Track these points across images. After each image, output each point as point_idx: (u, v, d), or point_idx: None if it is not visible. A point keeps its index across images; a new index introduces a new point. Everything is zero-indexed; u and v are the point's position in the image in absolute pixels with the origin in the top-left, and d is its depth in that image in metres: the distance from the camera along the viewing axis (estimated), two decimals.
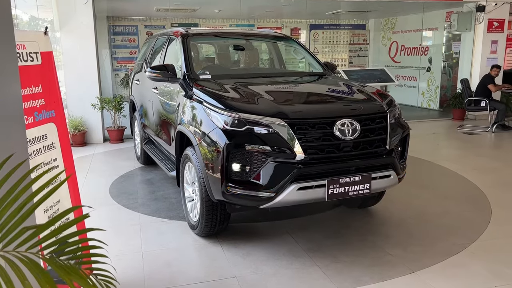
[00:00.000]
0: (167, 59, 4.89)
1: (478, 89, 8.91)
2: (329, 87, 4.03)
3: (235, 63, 5.04)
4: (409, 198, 4.67)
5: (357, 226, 4.00)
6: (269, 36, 5.13)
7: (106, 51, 11.74)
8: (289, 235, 3.80)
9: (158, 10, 10.29)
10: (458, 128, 8.85)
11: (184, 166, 3.92)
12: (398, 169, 3.48)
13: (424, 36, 12.09)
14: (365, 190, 3.27)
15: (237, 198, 3.22)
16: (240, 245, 3.61)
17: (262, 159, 3.11)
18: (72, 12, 7.37)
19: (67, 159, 2.86)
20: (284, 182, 3.08)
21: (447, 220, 4.10)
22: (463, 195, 4.85)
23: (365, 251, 3.51)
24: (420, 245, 3.59)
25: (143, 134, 5.87)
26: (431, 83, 11.93)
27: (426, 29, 11.89)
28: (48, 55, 2.72)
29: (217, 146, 3.21)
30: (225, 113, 3.23)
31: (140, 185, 5.32)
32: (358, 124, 3.22)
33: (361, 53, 14.10)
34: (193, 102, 3.73)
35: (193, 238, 3.76)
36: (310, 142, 3.13)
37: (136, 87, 6.09)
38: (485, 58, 9.74)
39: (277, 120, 3.12)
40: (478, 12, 9.63)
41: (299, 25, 13.32)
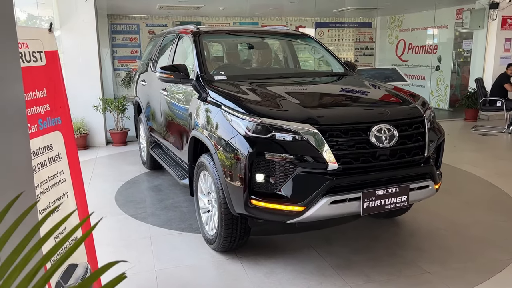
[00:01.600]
0: (176, 58, 4.58)
1: (493, 88, 8.63)
2: (356, 88, 3.73)
3: (250, 62, 4.73)
4: (436, 207, 4.37)
5: (386, 238, 3.70)
6: (285, 34, 4.82)
7: (107, 50, 11.41)
8: (313, 249, 3.50)
9: (161, 8, 9.96)
10: (473, 129, 8.56)
11: (198, 174, 3.61)
12: (436, 178, 3.18)
13: (433, 34, 11.79)
14: (402, 203, 2.97)
15: (261, 212, 2.91)
16: (261, 262, 3.31)
17: (289, 169, 2.80)
18: (73, 10, 7.04)
19: (75, 171, 2.55)
20: (315, 195, 2.77)
21: (481, 231, 3.81)
22: (492, 203, 4.55)
23: (398, 267, 3.21)
24: (459, 261, 3.30)
25: (149, 137, 5.56)
26: (440, 82, 11.64)
27: (435, 26, 11.58)
28: (53, 55, 2.41)
29: (238, 155, 2.90)
30: (248, 118, 2.92)
31: (148, 192, 5.01)
32: (395, 130, 2.92)
33: (367, 52, 13.79)
34: (208, 105, 3.43)
35: (210, 253, 3.46)
36: (343, 151, 2.83)
37: (141, 88, 5.78)
38: (499, 57, 9.45)
39: (307, 126, 2.81)
40: (491, 9, 9.33)
41: (304, 23, 13.01)
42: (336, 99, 3.50)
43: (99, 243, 3.63)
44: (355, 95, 3.60)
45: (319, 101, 3.39)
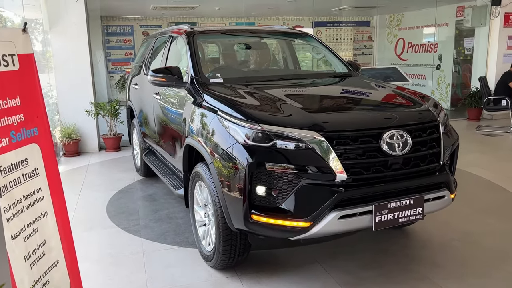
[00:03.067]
0: (169, 60, 4.32)
1: (498, 87, 8.40)
2: (362, 90, 3.48)
3: (248, 64, 4.47)
4: (447, 215, 4.11)
5: (395, 251, 3.45)
6: (284, 33, 4.56)
7: (100, 52, 11.14)
8: (318, 264, 3.24)
9: (155, 8, 9.70)
10: (477, 129, 8.32)
11: (194, 185, 3.35)
12: (452, 187, 2.93)
13: (433, 32, 11.56)
14: (417, 216, 2.71)
15: (262, 228, 2.65)
16: (263, 280, 3.04)
17: (293, 181, 2.55)
18: (63, 11, 6.77)
19: (55, 187, 2.28)
20: (322, 210, 2.51)
21: (497, 241, 3.56)
22: (506, 209, 4.31)
23: (412, 284, 2.95)
24: (476, 275, 3.05)
25: (142, 143, 5.29)
26: (441, 81, 11.41)
27: (435, 24, 11.35)
28: (28, 58, 2.14)
29: (237, 165, 2.64)
30: (247, 125, 2.66)
31: (141, 202, 4.74)
32: (408, 136, 2.66)
33: (366, 51, 13.55)
34: (203, 110, 3.17)
35: (207, 271, 3.19)
36: (352, 160, 2.57)
37: (134, 92, 5.51)
38: (502, 55, 9.23)
39: (312, 133, 2.55)
40: (493, 6, 9.10)
41: (302, 23, 12.76)
42: (343, 103, 3.24)
43: (87, 259, 3.38)
44: (363, 97, 3.34)
45: (324, 105, 3.13)
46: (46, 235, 2.20)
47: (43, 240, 2.17)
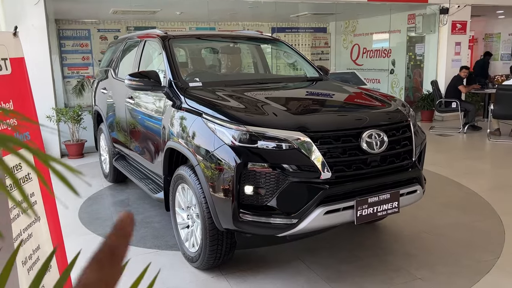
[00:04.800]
0: (142, 65, 4.32)
1: (448, 90, 8.95)
2: (337, 92, 3.66)
3: (223, 68, 4.55)
4: (413, 209, 4.34)
5: (371, 245, 3.64)
6: (257, 38, 4.68)
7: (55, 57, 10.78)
8: (300, 261, 3.37)
9: (115, 12, 9.53)
10: (431, 130, 8.82)
11: (176, 187, 3.39)
12: (423, 182, 3.15)
13: (386, 39, 12.12)
14: (393, 209, 2.90)
15: (250, 227, 2.74)
16: (249, 278, 3.13)
17: (280, 180, 2.66)
18: (21, 14, 6.55)
19: (47, 193, 2.26)
20: (308, 206, 2.64)
21: (461, 233, 3.84)
22: (466, 203, 4.64)
23: (389, 275, 3.14)
24: (445, 264, 3.28)
25: (112, 149, 5.22)
26: (395, 85, 11.96)
27: (388, 31, 11.91)
28: (20, 63, 2.13)
29: (225, 166, 2.72)
30: (233, 127, 2.75)
31: (114, 208, 4.68)
32: (385, 135, 2.85)
33: (323, 57, 13.97)
34: (184, 113, 3.22)
35: (192, 272, 3.23)
36: (335, 158, 2.72)
37: (102, 97, 5.43)
38: (450, 60, 9.84)
39: (297, 134, 2.68)
40: (441, 14, 9.70)
41: (261, 28, 12.93)
42: (322, 105, 3.40)
43: None
44: (339, 100, 3.52)
45: (306, 107, 3.27)
46: (40, 240, 2.18)
47: (37, 245, 2.15)
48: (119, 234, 0.38)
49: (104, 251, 0.37)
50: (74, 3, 8.35)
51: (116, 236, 0.38)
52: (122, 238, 0.38)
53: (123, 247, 0.38)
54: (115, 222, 0.39)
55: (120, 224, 0.39)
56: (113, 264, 0.36)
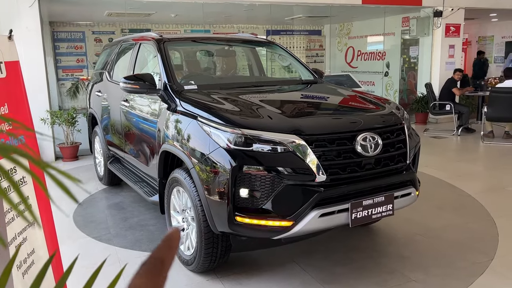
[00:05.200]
0: (137, 68, 4.33)
1: (442, 92, 9.00)
2: (332, 95, 3.67)
3: (218, 71, 4.56)
4: (407, 211, 4.36)
5: (365, 248, 3.65)
6: (252, 41, 4.70)
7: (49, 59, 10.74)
8: (295, 264, 3.37)
9: (110, 14, 9.53)
10: (425, 132, 8.87)
11: (171, 191, 3.39)
12: (417, 184, 3.17)
13: (381, 41, 12.18)
14: (388, 212, 2.92)
15: (246, 230, 2.75)
16: (244, 281, 3.13)
17: (275, 182, 2.66)
18: (15, 16, 6.52)
19: (42, 196, 2.26)
20: (303, 209, 2.65)
21: (455, 235, 3.86)
22: (459, 205, 4.67)
23: (384, 277, 3.15)
24: (439, 266, 3.30)
25: (107, 151, 5.21)
26: (389, 88, 12.02)
27: (382, 34, 11.98)
28: (14, 66, 2.13)
29: (220, 169, 2.73)
30: (229, 130, 2.76)
31: (109, 211, 4.67)
32: (379, 138, 2.87)
33: (318, 59, 14.01)
34: (180, 116, 3.22)
35: (187, 275, 3.23)
36: (330, 161, 2.73)
37: (96, 99, 5.42)
38: (444, 62, 9.90)
39: (292, 137, 2.69)
40: (435, 17, 9.76)
41: (256, 31, 12.96)
42: (317, 108, 3.42)
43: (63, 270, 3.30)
44: (333, 103, 3.54)
45: (301, 110, 3.29)
46: (34, 244, 2.18)
47: (32, 249, 2.15)
48: (167, 246, 0.43)
49: (153, 261, 0.41)
50: (68, 5, 8.33)
51: (165, 248, 0.43)
52: (169, 250, 0.43)
53: (170, 258, 0.43)
54: (165, 236, 0.44)
55: (168, 238, 0.44)
56: (161, 273, 0.41)
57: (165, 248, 0.43)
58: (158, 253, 0.43)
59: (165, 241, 0.43)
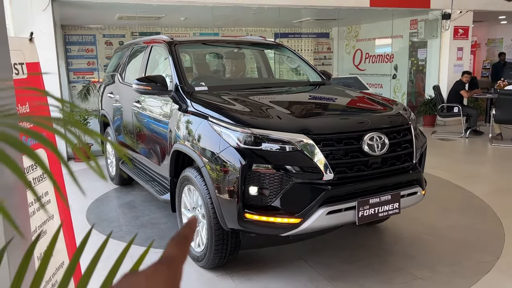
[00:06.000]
0: (149, 70, 4.43)
1: (450, 95, 9.02)
2: (340, 97, 3.75)
3: (228, 72, 4.65)
4: (414, 211, 4.43)
5: (372, 246, 3.71)
6: (261, 44, 4.78)
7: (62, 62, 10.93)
8: (303, 261, 3.44)
9: (121, 18, 9.68)
10: (433, 134, 8.88)
11: (182, 189, 3.47)
12: (423, 184, 3.23)
13: (389, 44, 12.21)
14: (394, 210, 2.98)
15: (255, 226, 2.83)
16: (253, 277, 3.20)
17: (284, 180, 2.74)
18: (30, 19, 6.68)
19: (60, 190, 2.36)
20: (311, 206, 2.72)
21: (461, 234, 3.91)
22: (466, 206, 4.70)
23: (390, 275, 3.21)
24: (446, 264, 3.35)
25: None
26: (397, 90, 12.04)
27: (390, 36, 12.01)
28: (35, 67, 2.23)
29: (230, 168, 2.81)
30: (239, 129, 2.84)
31: (121, 209, 4.77)
32: (386, 137, 2.93)
33: (326, 62, 14.07)
34: (191, 116, 3.31)
35: (197, 271, 3.31)
36: (338, 160, 2.80)
37: (108, 101, 5.54)
38: (452, 65, 9.92)
39: (300, 136, 2.76)
40: (443, 20, 9.79)
41: (264, 34, 13.06)
42: (325, 108, 3.49)
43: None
44: (341, 103, 3.61)
45: (309, 110, 3.36)
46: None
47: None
48: (189, 227, 0.51)
49: (180, 237, 0.50)
50: (80, 9, 8.49)
51: (187, 228, 0.51)
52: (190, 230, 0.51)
53: (191, 236, 0.51)
54: (186, 222, 0.53)
55: (189, 222, 0.52)
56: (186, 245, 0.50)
57: (187, 229, 0.51)
58: (183, 231, 0.51)
59: (187, 224, 0.52)
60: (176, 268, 0.47)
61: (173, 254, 0.48)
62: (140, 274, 0.44)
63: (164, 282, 0.44)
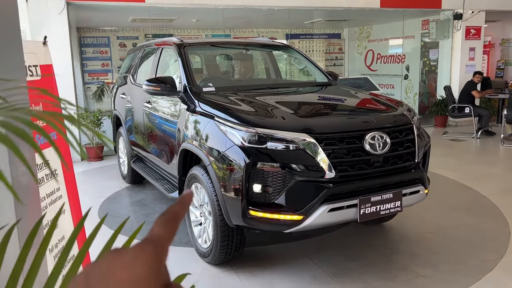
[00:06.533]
0: (159, 71, 4.55)
1: (462, 95, 8.97)
2: (344, 97, 3.81)
3: (235, 74, 4.75)
4: (420, 211, 4.46)
5: (377, 245, 3.76)
6: (268, 45, 4.87)
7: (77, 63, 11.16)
8: (308, 258, 3.51)
9: (134, 20, 9.86)
10: (444, 135, 8.85)
11: (189, 187, 3.57)
12: (426, 183, 3.27)
13: (401, 44, 12.18)
14: (396, 208, 3.03)
15: (259, 223, 2.91)
16: (258, 274, 3.28)
17: (287, 178, 2.82)
18: (45, 22, 6.87)
19: (71, 188, 2.47)
20: (313, 204, 2.79)
21: (467, 234, 3.93)
22: (473, 206, 4.71)
23: (394, 273, 3.26)
24: (449, 263, 3.38)
25: (130, 151, 5.45)
26: (409, 91, 12.00)
27: (402, 37, 11.98)
28: (48, 69, 2.35)
29: (235, 166, 2.89)
30: (243, 129, 2.92)
31: (132, 207, 4.90)
32: (387, 137, 2.99)
33: (337, 62, 14.08)
34: (198, 116, 3.41)
35: (204, 267, 3.41)
36: (339, 159, 2.87)
37: (121, 101, 5.68)
38: (464, 65, 9.86)
39: (303, 135, 2.84)
40: (455, 20, 9.75)
41: (275, 35, 13.14)
42: (328, 108, 3.56)
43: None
44: (345, 104, 3.67)
45: (312, 110, 3.44)
46: (64, 230, 2.39)
47: (62, 235, 2.36)
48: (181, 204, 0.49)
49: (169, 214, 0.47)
50: (95, 11, 8.68)
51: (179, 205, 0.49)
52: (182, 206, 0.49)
53: (182, 212, 0.49)
54: (180, 196, 0.52)
55: (182, 197, 0.50)
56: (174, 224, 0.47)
57: (179, 205, 0.48)
58: (174, 208, 0.48)
59: (179, 200, 0.50)
60: (162, 248, 0.45)
61: (160, 233, 0.46)
62: (124, 252, 0.42)
63: (149, 262, 0.42)
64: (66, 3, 6.96)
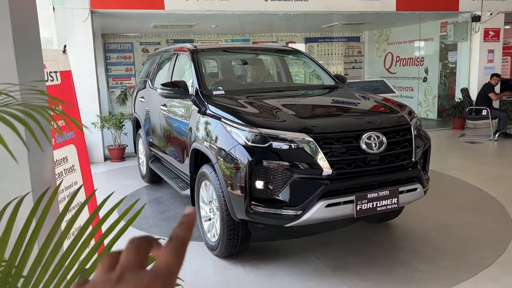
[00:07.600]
0: (174, 75, 4.80)
1: (479, 98, 8.94)
2: (346, 99, 3.97)
3: (245, 77, 4.97)
4: (426, 210, 4.57)
5: (380, 242, 3.89)
6: (278, 50, 5.07)
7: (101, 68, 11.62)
8: (311, 253, 3.68)
9: (155, 26, 10.23)
10: (461, 137, 8.84)
11: (199, 184, 3.80)
12: (424, 181, 3.40)
13: (420, 47, 12.17)
14: (393, 205, 3.17)
15: (261, 217, 3.10)
16: (262, 266, 3.48)
17: (287, 175, 3.00)
18: (71, 30, 7.26)
19: (87, 182, 2.73)
20: (311, 199, 2.97)
21: (470, 232, 4.02)
22: (480, 206, 4.78)
23: (393, 268, 3.40)
24: (449, 259, 3.49)
25: (149, 152, 5.74)
26: (428, 93, 11.97)
27: (421, 39, 11.97)
28: (67, 74, 2.62)
29: (239, 164, 3.10)
30: (247, 129, 3.13)
31: (149, 204, 5.16)
32: (384, 137, 3.14)
33: (356, 65, 14.13)
34: (208, 118, 3.63)
35: (212, 259, 3.62)
36: (336, 157, 3.04)
37: (140, 105, 5.97)
38: (483, 67, 9.80)
39: (302, 135, 3.02)
40: (473, 22, 9.71)
41: (294, 39, 13.33)
42: (328, 110, 3.73)
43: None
44: (346, 105, 3.83)
45: (313, 112, 3.61)
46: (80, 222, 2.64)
47: (78, 225, 2.61)
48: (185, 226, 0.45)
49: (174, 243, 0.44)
50: (118, 19, 9.07)
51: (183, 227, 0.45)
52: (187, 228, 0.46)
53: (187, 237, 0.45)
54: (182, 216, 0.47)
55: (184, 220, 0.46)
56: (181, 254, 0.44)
57: (184, 227, 0.45)
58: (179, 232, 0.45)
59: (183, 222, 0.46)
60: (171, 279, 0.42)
61: (170, 262, 0.42)
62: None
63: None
64: (90, 12, 7.34)
